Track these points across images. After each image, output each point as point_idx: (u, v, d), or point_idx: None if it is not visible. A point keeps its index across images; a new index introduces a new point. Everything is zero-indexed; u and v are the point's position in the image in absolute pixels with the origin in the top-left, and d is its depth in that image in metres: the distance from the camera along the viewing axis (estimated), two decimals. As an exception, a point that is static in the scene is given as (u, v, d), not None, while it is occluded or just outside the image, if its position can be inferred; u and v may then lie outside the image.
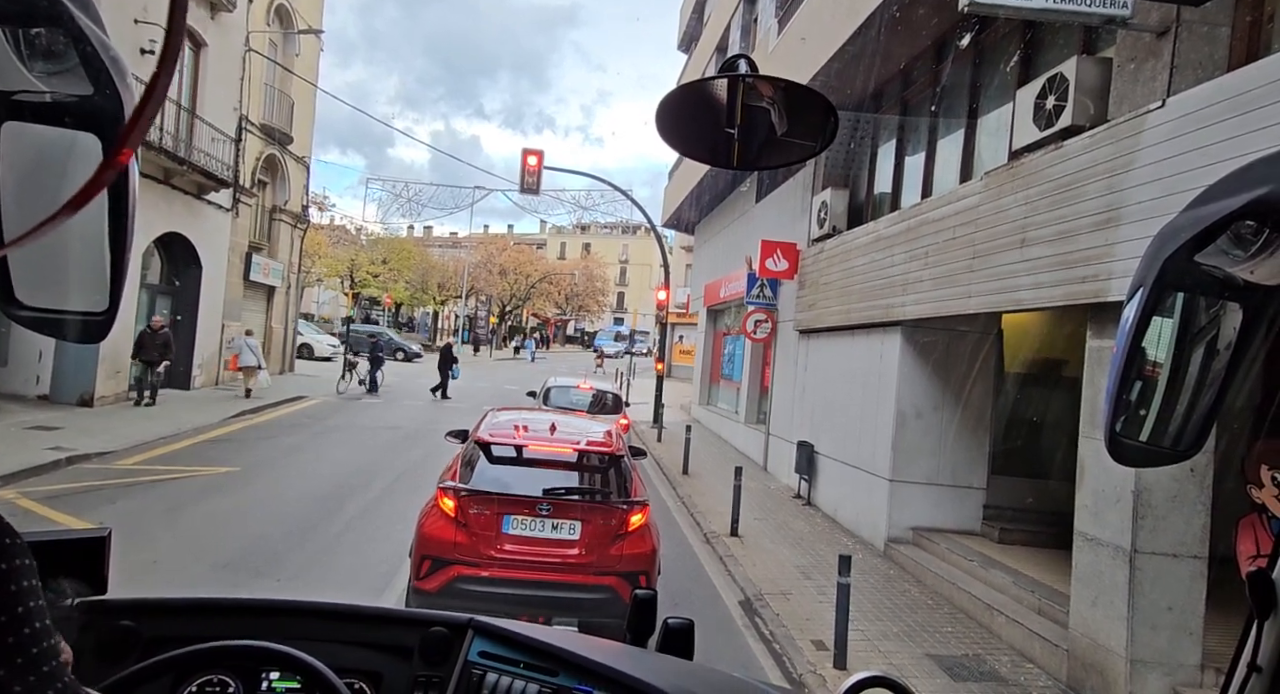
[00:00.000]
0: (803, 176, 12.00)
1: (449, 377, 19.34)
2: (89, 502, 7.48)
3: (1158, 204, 4.57)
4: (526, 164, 15.91)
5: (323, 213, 40.30)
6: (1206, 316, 0.86)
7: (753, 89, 1.33)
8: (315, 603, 1.22)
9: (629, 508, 4.90)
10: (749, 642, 5.64)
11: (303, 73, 19.96)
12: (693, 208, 20.84)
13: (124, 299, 1.40)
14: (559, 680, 1.11)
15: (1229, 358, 0.84)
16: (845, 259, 9.80)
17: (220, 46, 15.68)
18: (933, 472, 8.06)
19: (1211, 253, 0.79)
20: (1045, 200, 5.80)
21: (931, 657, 5.42)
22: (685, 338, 34.56)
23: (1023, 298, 6.04)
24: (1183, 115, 4.53)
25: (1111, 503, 4.93)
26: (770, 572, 7.12)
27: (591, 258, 61.29)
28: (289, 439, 11.89)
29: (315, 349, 28.03)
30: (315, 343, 28.91)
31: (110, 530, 0.86)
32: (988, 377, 8.09)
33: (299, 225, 21.58)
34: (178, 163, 13.62)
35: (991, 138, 7.54)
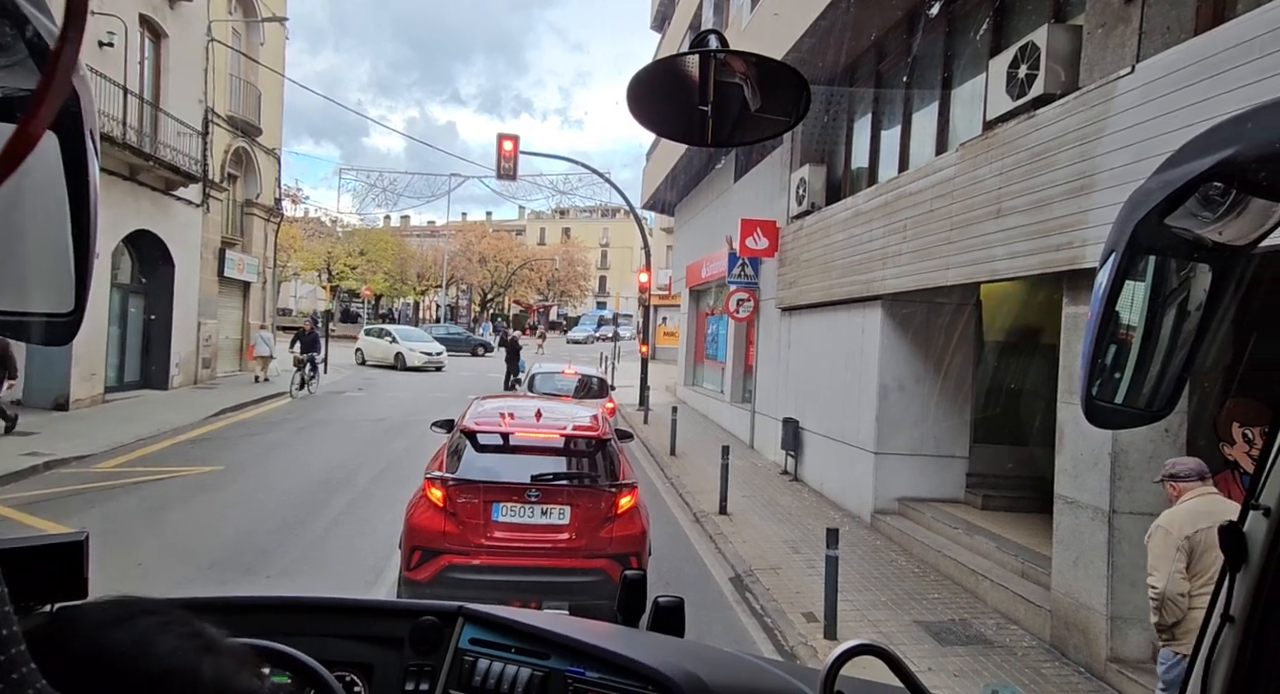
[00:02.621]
0: (780, 153, 11.97)
1: (518, 368, 19.14)
2: (69, 506, 7.39)
3: (1130, 169, 4.62)
4: (502, 149, 15.73)
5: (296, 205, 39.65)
6: (1177, 279, 0.87)
7: (724, 65, 1.31)
8: (303, 598, 1.21)
9: (617, 491, 4.93)
10: (740, 617, 5.72)
11: (269, 62, 19.51)
12: (672, 189, 20.75)
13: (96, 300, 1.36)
14: (550, 663, 1.11)
15: (1199, 319, 0.86)
16: (825, 235, 9.83)
17: (181, 37, 15.27)
18: (916, 442, 8.17)
19: (1181, 215, 0.79)
20: (1020, 170, 5.84)
21: (919, 623, 5.53)
22: (669, 319, 34.58)
23: (999, 268, 6.10)
24: (1152, 80, 4.57)
25: (1090, 466, 5.04)
26: (760, 548, 7.21)
27: (572, 242, 60.94)
28: (272, 435, 11.79)
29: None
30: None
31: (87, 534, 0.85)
32: (967, 347, 8.19)
33: (272, 219, 21.21)
34: (143, 158, 13.29)
35: (966, 108, 7.56)
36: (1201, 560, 3.35)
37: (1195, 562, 3.35)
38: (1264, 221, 0.78)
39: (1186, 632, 3.32)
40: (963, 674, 4.73)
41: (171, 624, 0.60)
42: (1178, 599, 3.32)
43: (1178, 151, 0.79)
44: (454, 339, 34.07)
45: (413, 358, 24.77)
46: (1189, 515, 3.44)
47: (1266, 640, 0.91)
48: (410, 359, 24.66)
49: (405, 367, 24.32)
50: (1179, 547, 3.37)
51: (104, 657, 0.56)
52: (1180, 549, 3.37)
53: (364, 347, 26.23)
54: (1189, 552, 3.36)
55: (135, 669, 0.55)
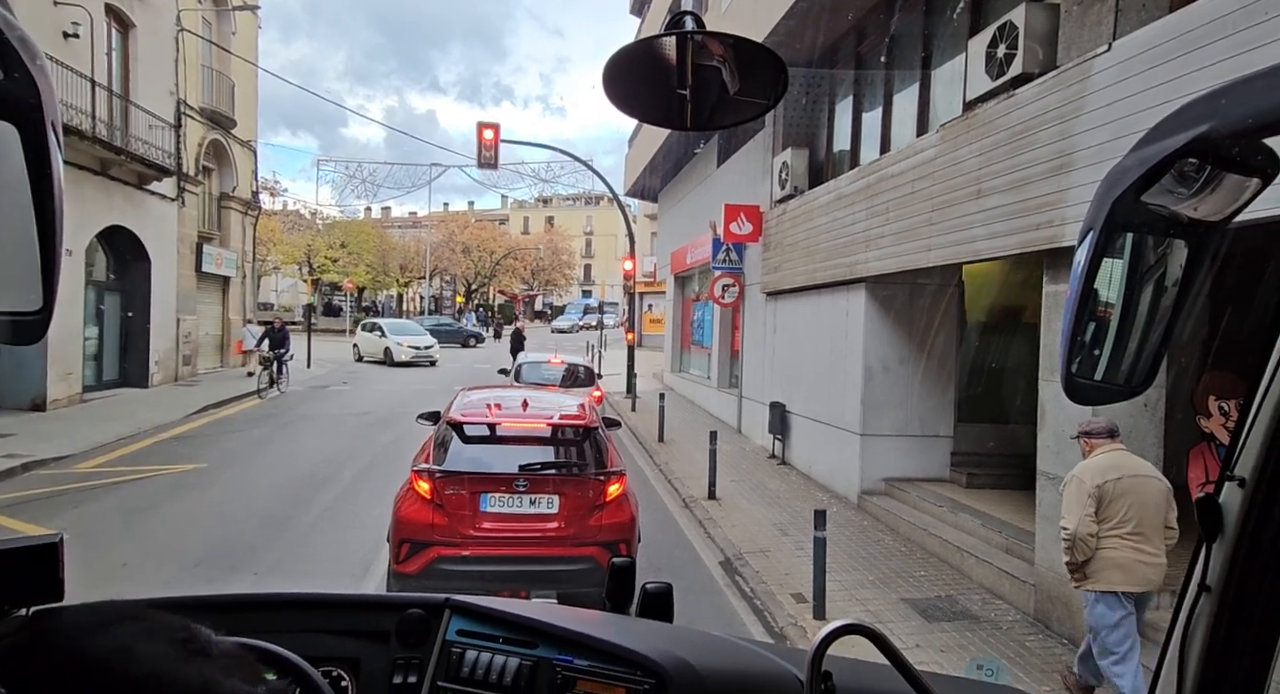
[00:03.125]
0: (763, 138, 11.95)
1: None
2: (49, 508, 7.29)
3: (1108, 148, 4.65)
4: (483, 138, 15.56)
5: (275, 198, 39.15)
6: (1154, 255, 0.88)
7: (702, 48, 1.30)
8: (286, 594, 1.20)
9: (606, 478, 4.94)
10: (731, 600, 5.77)
11: (241, 52, 19.13)
12: (655, 175, 20.67)
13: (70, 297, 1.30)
14: (539, 652, 1.11)
15: (1175, 294, 0.87)
16: (808, 219, 9.84)
17: (150, 27, 14.92)
18: (901, 423, 8.25)
19: (1157, 192, 0.80)
20: (999, 150, 5.86)
21: (906, 601, 5.61)
22: (654, 307, 34.58)
23: (980, 248, 6.14)
24: (1129, 58, 4.59)
25: (1071, 442, 5.09)
26: (749, 531, 7.27)
27: (556, 231, 60.63)
28: (256, 432, 11.69)
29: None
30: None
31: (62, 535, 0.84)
32: (950, 327, 8.26)
33: (250, 212, 20.91)
34: (114, 152, 13.02)
35: (946, 89, 7.57)
36: (1109, 507, 3.73)
37: (1103, 508, 3.73)
38: (1238, 196, 0.79)
39: (1095, 571, 3.75)
40: (949, 650, 4.81)
41: (156, 629, 0.58)
42: (1087, 539, 3.73)
43: (1153, 129, 0.80)
44: (444, 330, 33.80)
45: (400, 353, 23.47)
46: (1099, 467, 3.83)
47: (1242, 609, 0.93)
48: (397, 354, 23.42)
49: (393, 362, 23.19)
50: (1090, 494, 3.75)
51: (82, 664, 0.54)
52: (1091, 496, 3.75)
53: (360, 342, 25.32)
54: (1098, 499, 3.74)
55: (115, 676, 0.53)
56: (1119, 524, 3.75)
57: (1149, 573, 3.75)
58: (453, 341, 33.31)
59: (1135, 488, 3.79)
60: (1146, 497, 3.78)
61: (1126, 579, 3.71)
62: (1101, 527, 3.73)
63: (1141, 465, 3.92)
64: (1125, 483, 3.79)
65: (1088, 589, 3.82)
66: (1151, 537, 3.75)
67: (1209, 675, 0.96)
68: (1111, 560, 3.73)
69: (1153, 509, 3.78)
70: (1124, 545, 3.73)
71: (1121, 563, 3.73)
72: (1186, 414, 5.49)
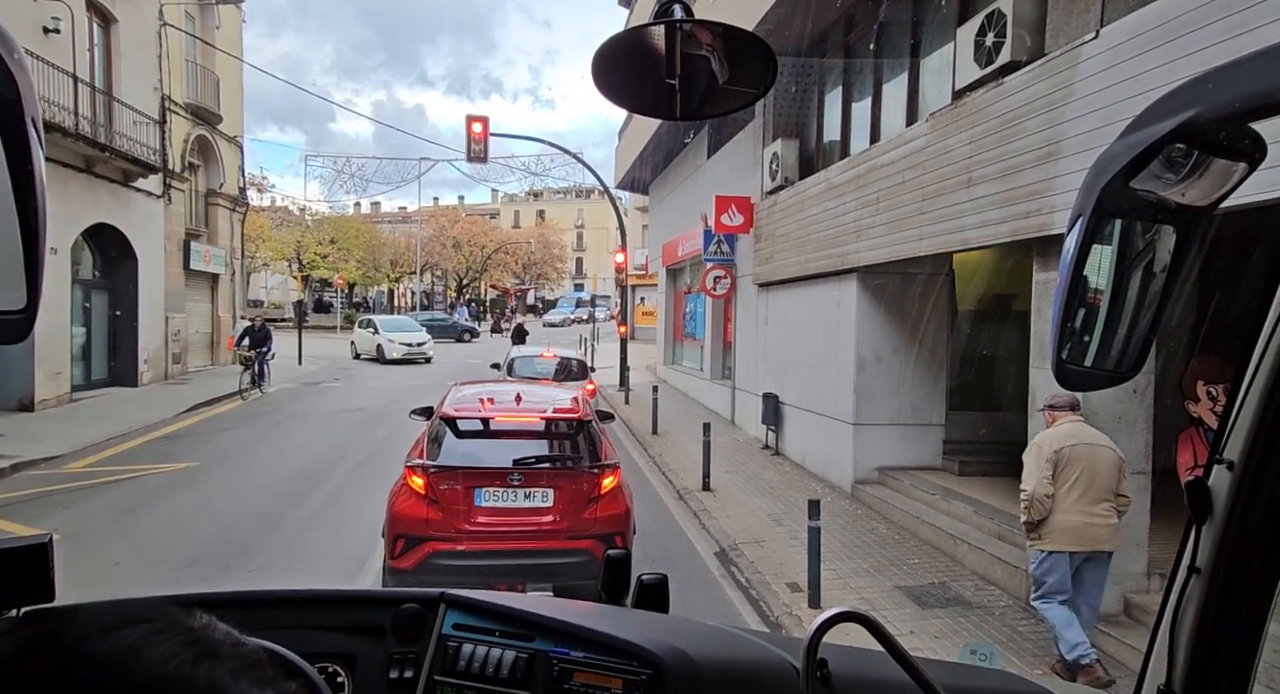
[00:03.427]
0: (753, 129, 11.92)
1: None
2: (40, 508, 7.25)
3: (1096, 135, 4.67)
4: (471, 131, 15.47)
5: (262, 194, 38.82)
6: (1142, 241, 0.88)
7: (691, 37, 1.30)
8: (279, 592, 1.20)
9: (600, 471, 4.94)
10: (726, 591, 5.80)
11: (226, 46, 18.92)
12: (645, 167, 20.60)
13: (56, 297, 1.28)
14: (535, 645, 1.12)
15: (1164, 280, 0.87)
16: (799, 209, 9.85)
17: (132, 22, 14.73)
18: (894, 412, 8.30)
19: (1145, 178, 0.80)
20: (989, 138, 5.87)
21: (900, 588, 5.66)
22: (647, 299, 34.55)
23: (970, 237, 6.16)
24: (1116, 44, 4.60)
25: (1062, 429, 5.15)
26: (743, 522, 7.30)
27: (546, 225, 60.39)
28: (248, 429, 11.63)
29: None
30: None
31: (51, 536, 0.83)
32: (941, 316, 8.30)
33: (237, 208, 20.73)
34: (98, 149, 12.87)
35: (935, 78, 7.57)
36: (1064, 472, 4.11)
37: (1059, 472, 4.11)
38: (1225, 182, 0.79)
39: (1050, 531, 4.11)
40: (943, 636, 4.85)
41: (164, 631, 0.56)
42: (1043, 500, 4.10)
43: (1141, 115, 0.80)
44: (438, 325, 33.66)
45: (391, 350, 22.69)
46: (1058, 436, 4.21)
47: (1231, 591, 0.94)
48: (389, 351, 22.68)
49: (385, 360, 22.53)
50: (1048, 458, 4.13)
51: (88, 667, 0.53)
52: (1048, 461, 4.12)
53: (356, 340, 24.92)
54: (1055, 463, 4.12)
55: (121, 680, 0.52)
56: (1072, 487, 4.09)
57: (1097, 534, 4.09)
58: (447, 337, 33.20)
59: (1089, 455, 4.12)
60: (1098, 463, 4.11)
61: (1075, 541, 4.08)
62: (1057, 490, 4.08)
63: (1097, 435, 4.24)
64: (1080, 450, 4.13)
65: (1040, 549, 4.19)
66: (1101, 500, 4.10)
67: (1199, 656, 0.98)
68: (1063, 524, 4.10)
69: (1103, 475, 4.10)
70: (1075, 509, 4.08)
71: (1070, 527, 4.08)
72: (1175, 399, 5.54)
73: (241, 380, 14.45)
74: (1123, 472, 4.19)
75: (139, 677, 0.52)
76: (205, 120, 18.23)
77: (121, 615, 0.56)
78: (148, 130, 14.90)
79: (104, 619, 0.55)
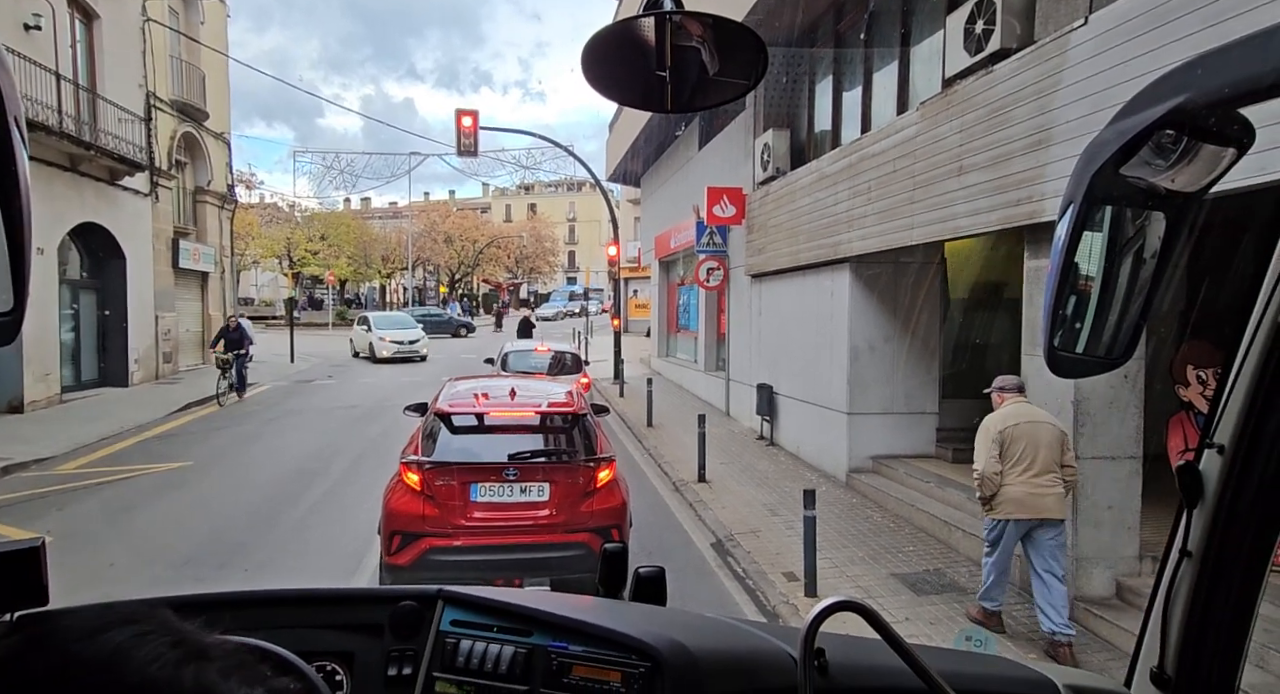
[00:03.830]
0: (744, 119, 11.90)
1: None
2: (33, 510, 7.21)
3: (1086, 122, 4.68)
4: (461, 125, 15.37)
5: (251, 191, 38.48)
6: (1133, 228, 0.89)
7: (680, 28, 1.29)
8: (276, 592, 1.20)
9: (596, 465, 4.95)
10: (723, 581, 5.83)
11: (210, 41, 18.72)
12: (636, 159, 20.54)
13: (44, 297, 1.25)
14: (533, 640, 1.12)
15: (1154, 266, 0.87)
16: (791, 200, 9.84)
17: (115, 18, 14.54)
18: (888, 401, 8.33)
19: (1135, 164, 0.80)
20: (979, 126, 5.88)
21: (896, 576, 5.69)
22: (640, 292, 34.52)
23: (962, 225, 6.17)
24: (1105, 31, 4.61)
25: (1054, 414, 5.18)
26: (739, 512, 7.33)
27: (538, 218, 60.20)
28: (241, 428, 11.59)
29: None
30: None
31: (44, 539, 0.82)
32: (934, 305, 8.32)
33: (226, 206, 20.57)
34: (83, 147, 12.73)
35: (925, 66, 7.57)
36: (1010, 449, 4.43)
37: (1005, 450, 4.43)
38: (1214, 167, 0.80)
39: (1000, 503, 4.45)
40: (939, 622, 4.89)
41: (152, 632, 0.56)
42: (992, 477, 4.44)
43: (1130, 101, 0.80)
44: (434, 320, 33.52)
45: (382, 348, 21.64)
46: (1002, 417, 4.54)
47: (1222, 573, 0.95)
48: (379, 349, 21.66)
49: (376, 358, 21.64)
50: (994, 439, 4.45)
51: (77, 669, 0.53)
52: (995, 441, 4.44)
53: (354, 338, 24.16)
54: (1001, 442, 4.43)
55: (110, 682, 0.52)
56: (1017, 462, 4.41)
57: (1042, 503, 4.38)
58: (443, 332, 33.08)
59: (1031, 432, 4.43)
60: (1040, 438, 4.41)
61: (1020, 509, 4.41)
62: (1005, 466, 4.42)
63: (1038, 413, 4.57)
64: (1023, 428, 4.44)
65: (992, 518, 4.55)
66: (1045, 472, 4.40)
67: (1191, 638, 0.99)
68: (1010, 496, 4.42)
69: (1046, 449, 4.40)
70: (1020, 482, 4.40)
71: (1017, 497, 4.41)
72: (1166, 384, 5.58)
73: (219, 385, 13.58)
74: (1065, 444, 4.47)
75: (127, 679, 0.52)
76: (191, 117, 18.06)
77: (110, 618, 0.56)
78: (133, 128, 14.75)
79: (93, 622, 0.55)
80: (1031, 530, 4.45)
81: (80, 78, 13.48)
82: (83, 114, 13.19)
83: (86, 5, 13.70)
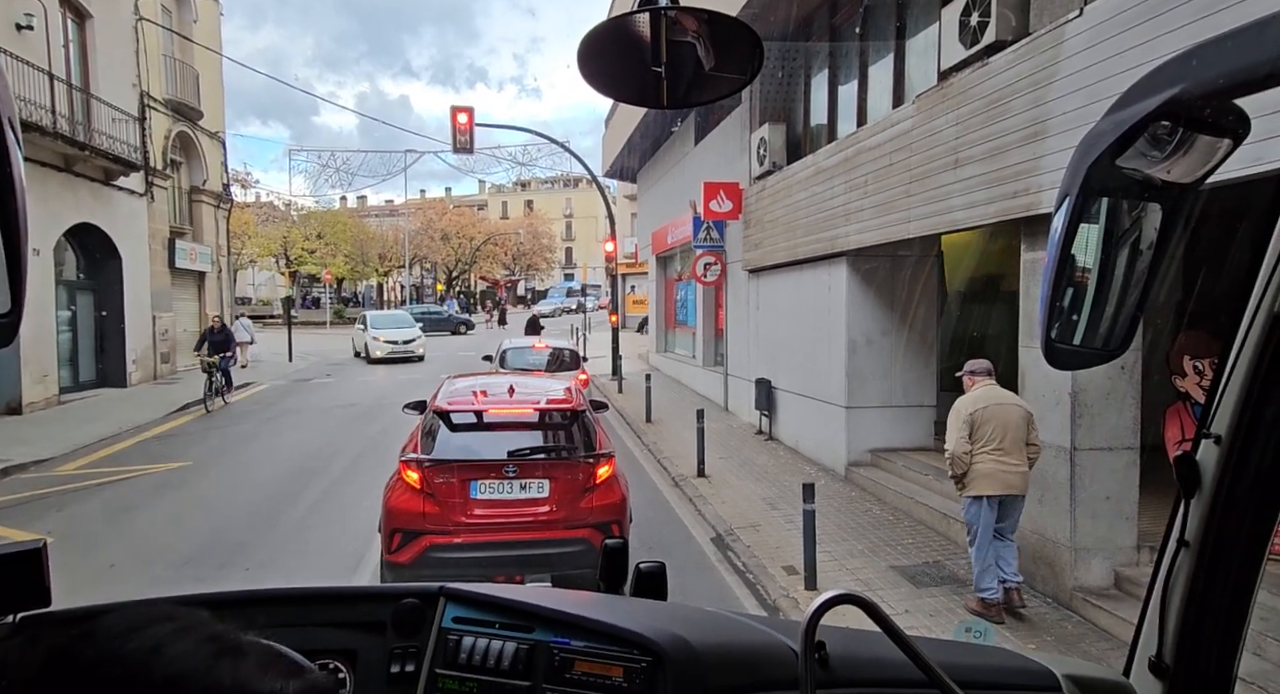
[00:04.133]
0: (740, 114, 11.87)
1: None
2: (32, 512, 7.20)
3: (1082, 113, 4.67)
4: (457, 122, 15.33)
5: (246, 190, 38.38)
6: (1129, 219, 0.89)
7: (676, 23, 1.29)
8: (278, 590, 1.20)
9: (595, 461, 4.95)
10: (723, 575, 5.84)
11: (204, 40, 18.63)
12: (633, 155, 20.50)
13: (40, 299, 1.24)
14: (535, 636, 1.12)
15: (1151, 257, 0.88)
16: (788, 194, 9.83)
17: (107, 17, 14.47)
18: (886, 395, 8.34)
19: (1131, 156, 0.80)
20: (975, 119, 5.87)
21: (895, 568, 5.71)
22: (637, 288, 34.49)
23: (959, 218, 6.17)
24: (1101, 22, 4.60)
25: (1051, 406, 5.19)
26: (739, 507, 7.35)
27: (535, 215, 60.07)
28: (240, 427, 11.58)
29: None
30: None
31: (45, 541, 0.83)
32: (931, 298, 8.33)
33: (222, 205, 20.52)
34: (77, 148, 12.68)
35: (921, 59, 7.55)
36: (979, 430, 4.68)
37: (975, 431, 4.69)
38: (1210, 158, 0.80)
39: (970, 481, 4.71)
40: (938, 614, 4.91)
41: (189, 628, 0.58)
42: (962, 457, 4.70)
43: (1126, 93, 0.80)
44: (433, 318, 33.48)
45: (375, 348, 20.83)
46: (972, 399, 4.80)
47: (1219, 563, 0.96)
48: (373, 349, 20.89)
49: (370, 359, 20.93)
50: (965, 421, 4.71)
51: (114, 665, 0.54)
52: (965, 422, 4.70)
53: (355, 337, 23.51)
54: (970, 424, 4.69)
55: (144, 675, 0.53)
56: (986, 442, 4.67)
57: (1011, 480, 4.65)
58: (442, 329, 33.03)
59: (999, 414, 4.69)
60: (1008, 419, 4.66)
61: (991, 486, 4.66)
62: (975, 446, 4.68)
63: (1006, 395, 4.85)
64: (991, 410, 4.70)
65: (965, 495, 4.79)
66: (1013, 451, 4.66)
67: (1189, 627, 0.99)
68: (981, 473, 4.68)
69: (1013, 429, 4.66)
70: (989, 460, 4.66)
71: (988, 473, 4.66)
72: (1163, 375, 5.59)
73: (206, 390, 12.92)
74: (1031, 424, 4.72)
75: (161, 673, 0.53)
76: (186, 116, 17.99)
77: (149, 615, 0.57)
78: (127, 127, 14.69)
79: (132, 619, 0.56)
80: (1001, 505, 4.75)
81: (73, 77, 13.42)
82: (76, 114, 13.13)
83: (79, 4, 13.63)
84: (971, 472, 4.70)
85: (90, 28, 14.06)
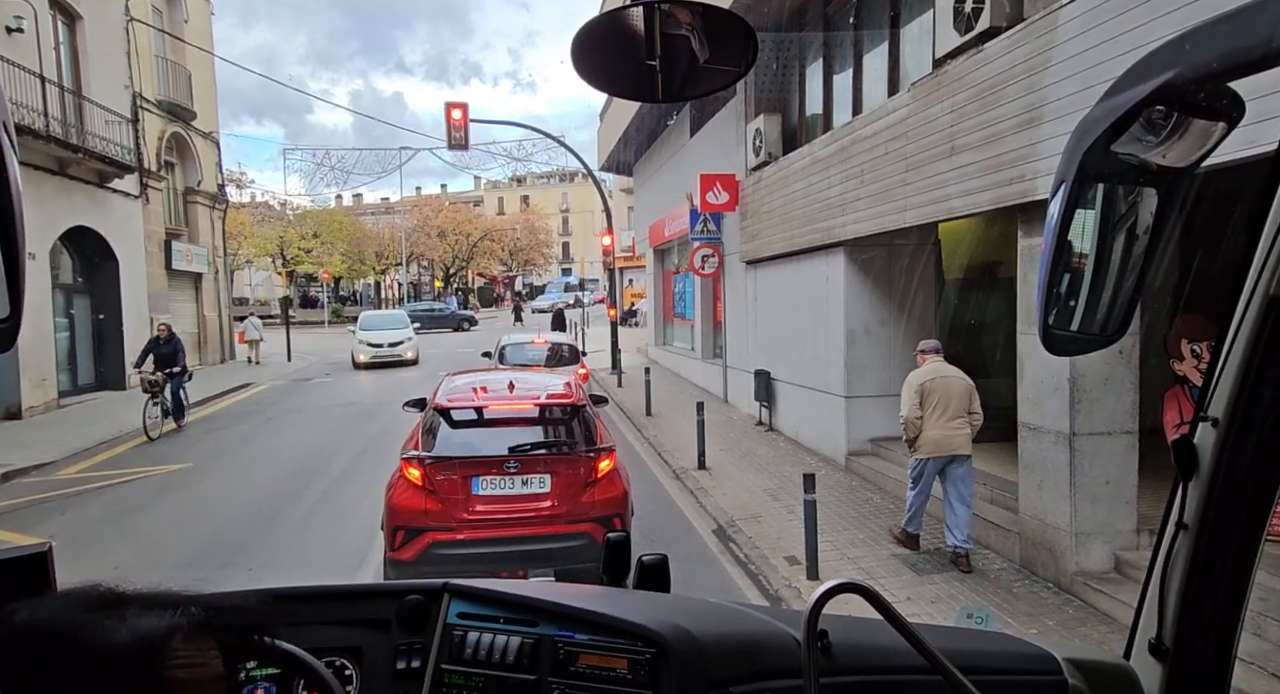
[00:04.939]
0: (735, 105, 11.84)
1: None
2: (35, 516, 7.21)
3: (1077, 99, 4.66)
4: (451, 119, 15.28)
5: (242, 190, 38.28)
6: (1125, 204, 0.89)
7: (670, 17, 1.28)
8: (283, 589, 1.21)
9: (596, 455, 4.96)
10: (725, 567, 5.87)
11: (195, 40, 18.55)
12: (629, 148, 20.44)
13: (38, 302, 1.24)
14: (539, 630, 1.13)
15: (1147, 242, 0.88)
16: (784, 185, 9.81)
17: (98, 18, 14.39)
18: (885, 383, 8.34)
19: (1127, 141, 0.80)
20: (971, 106, 5.86)
21: (896, 557, 5.74)
22: (635, 281, 34.46)
23: (955, 205, 6.17)
24: (1094, 7, 4.58)
25: (1050, 392, 5.21)
26: (740, 498, 7.36)
27: (531, 210, 59.91)
28: (240, 428, 11.59)
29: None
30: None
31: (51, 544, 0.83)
32: (929, 286, 8.33)
33: (217, 206, 20.47)
34: (70, 150, 12.64)
35: (915, 47, 7.52)
36: (927, 400, 5.40)
37: (924, 400, 5.40)
38: (1205, 142, 0.80)
39: (921, 444, 5.42)
40: (939, 600, 4.94)
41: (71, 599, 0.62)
42: (914, 421, 5.41)
43: (1120, 78, 0.80)
44: (435, 315, 33.43)
45: (361, 352, 19.14)
46: (924, 373, 5.53)
47: (1218, 545, 0.97)
48: (356, 353, 19.33)
49: (355, 365, 19.28)
50: (916, 390, 5.43)
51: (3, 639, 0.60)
52: (916, 391, 5.42)
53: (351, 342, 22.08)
54: (920, 393, 5.41)
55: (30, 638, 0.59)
56: (934, 410, 5.37)
57: (954, 442, 5.35)
58: (444, 327, 33.02)
59: (944, 385, 5.41)
60: (952, 390, 5.38)
61: (937, 449, 5.38)
62: (924, 413, 5.39)
63: (951, 370, 5.53)
64: (937, 382, 5.43)
65: (915, 457, 5.51)
66: (956, 417, 5.36)
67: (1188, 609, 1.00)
68: (929, 439, 5.39)
69: (956, 398, 5.37)
70: (936, 425, 5.36)
71: (934, 438, 5.37)
72: (1160, 359, 5.60)
73: (146, 412, 10.53)
74: (972, 395, 5.42)
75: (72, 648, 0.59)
76: (179, 117, 17.92)
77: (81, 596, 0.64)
78: (120, 129, 14.63)
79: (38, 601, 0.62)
80: (946, 466, 5.41)
81: (65, 80, 13.35)
82: (69, 116, 13.08)
83: (68, 6, 13.56)
84: (922, 437, 5.40)
85: (81, 29, 13.98)
